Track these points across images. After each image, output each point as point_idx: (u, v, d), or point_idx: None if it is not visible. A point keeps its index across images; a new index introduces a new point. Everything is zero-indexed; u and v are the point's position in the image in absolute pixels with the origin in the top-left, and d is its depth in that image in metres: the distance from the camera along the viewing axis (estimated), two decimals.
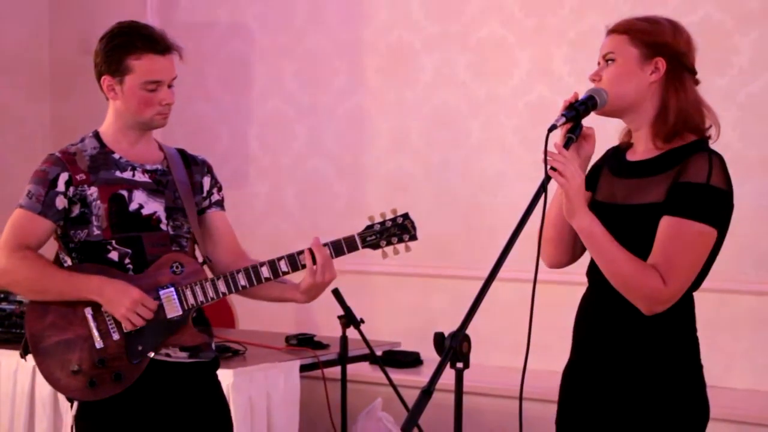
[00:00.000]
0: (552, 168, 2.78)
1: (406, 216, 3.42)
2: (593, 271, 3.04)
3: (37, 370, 4.78)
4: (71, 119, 7.10)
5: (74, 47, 7.12)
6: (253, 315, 5.84)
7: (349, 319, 4.55)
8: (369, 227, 3.40)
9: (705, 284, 3.00)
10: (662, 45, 2.92)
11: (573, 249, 3.06)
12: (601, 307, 3.01)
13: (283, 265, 3.36)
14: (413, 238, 3.41)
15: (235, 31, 6.67)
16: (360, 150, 6.32)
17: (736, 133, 5.16)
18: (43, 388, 4.82)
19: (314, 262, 3.33)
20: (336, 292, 4.42)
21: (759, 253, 5.18)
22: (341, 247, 3.38)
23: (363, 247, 3.40)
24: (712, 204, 2.85)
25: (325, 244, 3.36)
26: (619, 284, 2.87)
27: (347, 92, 6.35)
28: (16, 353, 4.86)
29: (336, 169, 6.39)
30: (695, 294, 2.98)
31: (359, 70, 6.32)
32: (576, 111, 2.85)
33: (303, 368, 4.90)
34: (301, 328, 5.90)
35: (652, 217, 2.87)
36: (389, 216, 3.41)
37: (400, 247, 3.40)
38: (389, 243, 3.40)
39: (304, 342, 5.14)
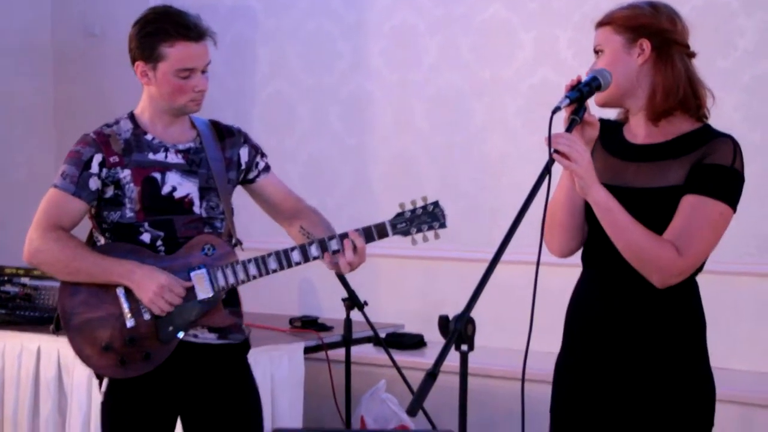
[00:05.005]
0: (556, 151, 2.78)
1: (436, 204, 3.45)
2: (590, 254, 3.05)
3: (41, 349, 4.83)
4: (74, 102, 7.10)
5: (77, 30, 7.11)
6: (257, 297, 5.84)
7: (353, 301, 4.56)
8: (399, 214, 3.42)
9: (709, 266, 3.02)
10: (643, 26, 2.95)
11: (582, 232, 3.05)
12: (601, 290, 3.01)
13: (314, 250, 3.38)
14: (443, 225, 3.45)
15: (238, 13, 6.67)
16: (364, 132, 6.32)
17: (739, 115, 5.15)
18: (48, 370, 4.83)
19: (354, 249, 3.35)
20: (340, 275, 4.42)
21: (763, 236, 5.17)
22: (371, 233, 3.40)
23: (393, 234, 3.42)
24: (735, 187, 2.91)
25: (355, 230, 3.37)
26: (634, 256, 2.87)
27: (351, 74, 6.34)
28: (20, 335, 4.92)
29: (340, 151, 6.39)
30: (700, 276, 3.00)
31: (363, 52, 6.31)
32: (580, 92, 2.85)
33: (307, 350, 4.91)
34: (304, 310, 5.91)
35: (672, 200, 2.89)
36: (420, 203, 3.43)
37: (430, 234, 3.43)
38: (419, 230, 3.43)
39: (308, 324, 5.15)
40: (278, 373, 4.74)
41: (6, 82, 6.96)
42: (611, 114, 3.13)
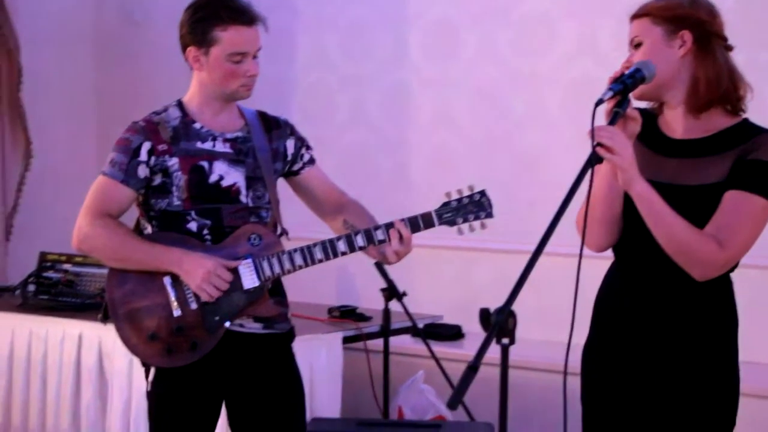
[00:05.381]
0: (599, 144, 2.77)
1: (483, 193, 3.42)
2: (624, 247, 3.05)
3: (83, 335, 4.87)
4: (115, 88, 7.15)
5: (119, 17, 7.15)
6: (295, 286, 5.85)
7: (391, 291, 4.55)
8: (446, 204, 3.40)
9: (748, 260, 3.01)
10: (684, 17, 2.93)
11: (619, 227, 3.03)
12: (634, 283, 3.01)
13: (360, 240, 3.38)
14: (489, 215, 3.41)
15: (278, 2, 6.68)
16: (403, 123, 6.32)
17: None
18: (89, 356, 4.87)
19: (400, 238, 3.36)
20: (378, 265, 4.42)
21: None
22: (417, 223, 3.39)
23: (440, 224, 3.40)
24: None
25: (401, 220, 3.37)
26: (675, 249, 2.87)
27: (390, 66, 6.35)
28: (62, 321, 4.96)
29: (379, 142, 6.39)
30: (738, 271, 3.00)
31: (402, 45, 6.31)
32: (624, 84, 2.83)
33: (345, 340, 4.92)
34: (343, 300, 5.92)
35: (714, 197, 2.89)
36: (466, 192, 3.40)
37: (476, 224, 3.41)
38: (465, 220, 3.40)
39: (346, 314, 5.16)
40: (317, 362, 4.76)
41: (48, 69, 7.00)
42: (640, 102, 3.11)
